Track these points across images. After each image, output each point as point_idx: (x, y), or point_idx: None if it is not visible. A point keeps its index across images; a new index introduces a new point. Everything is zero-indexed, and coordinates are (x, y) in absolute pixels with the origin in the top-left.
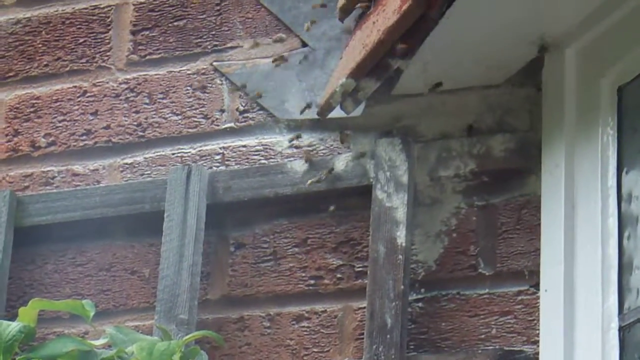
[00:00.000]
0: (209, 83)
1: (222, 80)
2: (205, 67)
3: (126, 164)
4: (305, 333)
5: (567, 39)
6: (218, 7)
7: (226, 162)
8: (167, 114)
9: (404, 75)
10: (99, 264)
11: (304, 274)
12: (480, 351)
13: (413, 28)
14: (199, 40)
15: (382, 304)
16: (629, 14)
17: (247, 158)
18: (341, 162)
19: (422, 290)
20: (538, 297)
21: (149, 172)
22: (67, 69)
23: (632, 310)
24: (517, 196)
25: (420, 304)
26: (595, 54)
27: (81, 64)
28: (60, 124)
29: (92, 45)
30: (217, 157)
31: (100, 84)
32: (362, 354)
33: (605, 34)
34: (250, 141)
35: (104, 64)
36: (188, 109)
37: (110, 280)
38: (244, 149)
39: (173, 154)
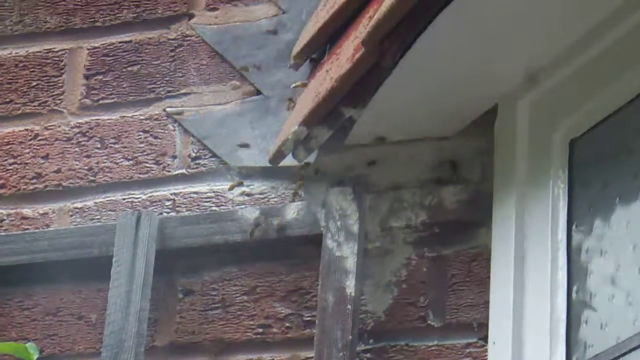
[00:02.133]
0: (162, 129)
1: (174, 126)
2: (158, 112)
3: (76, 208)
4: None
5: (520, 92)
6: (172, 53)
7: (177, 208)
8: (119, 159)
9: (356, 125)
10: (45, 308)
11: (252, 322)
12: None
13: (366, 77)
14: (153, 85)
15: (329, 354)
16: (581, 68)
17: (198, 205)
18: (292, 211)
19: (371, 340)
20: (486, 350)
21: (98, 217)
22: (19, 111)
23: None
24: (467, 248)
25: (368, 355)
26: (548, 107)
27: (33, 107)
28: (11, 167)
29: (45, 89)
30: (168, 203)
31: (52, 127)
32: None
33: (558, 88)
34: (202, 188)
35: (56, 108)
36: (140, 154)
37: (57, 324)
38: (195, 195)
39: (124, 199)
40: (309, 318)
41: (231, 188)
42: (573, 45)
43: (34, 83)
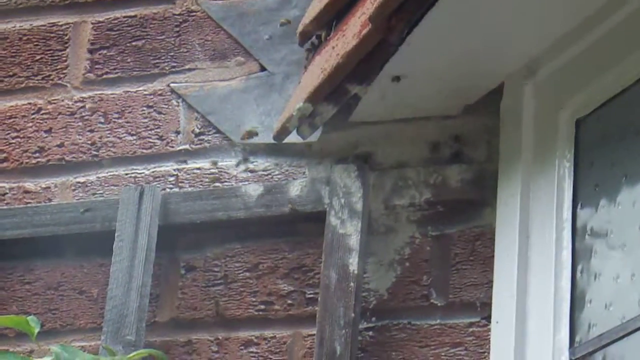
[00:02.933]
0: (165, 104)
1: (178, 102)
2: (162, 88)
3: (79, 182)
4: (253, 358)
5: (526, 71)
6: (177, 29)
7: (180, 184)
8: (122, 133)
9: (361, 102)
10: (47, 283)
11: (254, 299)
12: None
13: (372, 53)
14: (157, 61)
15: (332, 332)
16: (588, 47)
17: (201, 180)
18: (296, 188)
19: (373, 318)
20: (489, 329)
21: (101, 191)
22: (23, 85)
23: (583, 344)
24: (471, 227)
25: (370, 333)
26: (554, 86)
27: (37, 81)
28: (14, 141)
29: (49, 63)
30: (171, 178)
31: (55, 101)
32: None
33: (564, 67)
34: (205, 164)
35: (60, 82)
36: (143, 129)
37: (58, 299)
38: (198, 171)
39: (126, 174)
40: (311, 295)
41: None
42: (581, 24)
43: (38, 57)
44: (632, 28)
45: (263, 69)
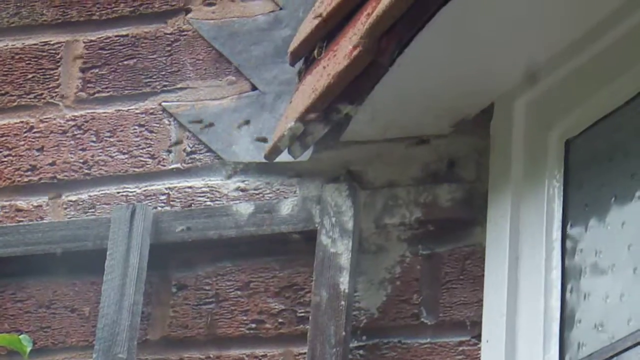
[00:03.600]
0: (157, 123)
1: (170, 121)
2: (153, 106)
3: (70, 201)
4: None
5: (517, 91)
6: (169, 48)
7: (171, 203)
8: (114, 152)
9: (352, 122)
10: (38, 301)
11: (245, 318)
12: None
13: (363, 74)
14: (149, 79)
15: (322, 350)
16: (577, 69)
17: (193, 199)
18: (287, 207)
19: (364, 337)
20: (479, 348)
21: (93, 210)
22: (15, 103)
23: None
24: (462, 246)
25: (361, 352)
26: (544, 107)
27: (29, 100)
28: (5, 159)
29: (41, 81)
30: (163, 197)
31: (47, 120)
32: None
33: (554, 88)
34: (196, 182)
35: (52, 100)
36: (135, 148)
37: (50, 317)
38: (189, 190)
39: (118, 192)
40: (302, 314)
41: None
42: (570, 45)
43: (30, 75)
44: (621, 50)
45: (254, 88)
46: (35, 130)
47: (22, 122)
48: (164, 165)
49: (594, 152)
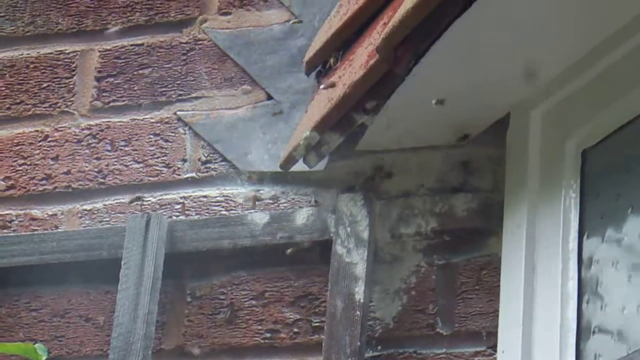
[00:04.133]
0: (172, 132)
1: (185, 130)
2: (169, 116)
3: (85, 210)
4: None
5: (533, 101)
6: (184, 57)
7: (186, 212)
8: (129, 161)
9: (368, 131)
10: (53, 310)
11: (260, 327)
12: None
13: (379, 84)
14: (164, 89)
15: None
16: (595, 79)
17: (208, 208)
18: (302, 216)
19: (379, 347)
20: (495, 359)
21: (107, 219)
22: (30, 112)
23: None
24: (477, 256)
25: None
26: (561, 117)
27: (44, 109)
28: (20, 168)
29: (56, 90)
30: (178, 206)
31: (62, 129)
32: None
33: (571, 97)
34: (212, 192)
35: (67, 109)
36: (150, 157)
37: (64, 326)
38: (204, 199)
39: (133, 201)
40: (317, 324)
41: (250, 202)
42: (587, 55)
43: (45, 84)
44: (637, 61)
45: (270, 97)
46: (50, 139)
47: (37, 131)
48: (179, 175)
49: (611, 162)
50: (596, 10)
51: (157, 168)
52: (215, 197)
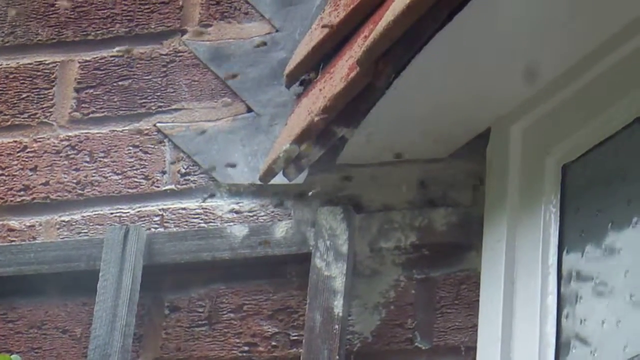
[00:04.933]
0: (152, 144)
1: (164, 142)
2: (148, 127)
3: (63, 221)
4: None
5: (513, 116)
6: (164, 69)
7: (165, 224)
8: (108, 173)
9: (348, 145)
10: (30, 321)
11: (238, 340)
12: None
13: (359, 97)
14: (144, 100)
15: None
16: (574, 94)
17: (187, 221)
18: (281, 229)
19: None
20: None
21: (86, 230)
22: (8, 123)
23: None
24: (456, 271)
25: None
26: (541, 132)
27: (23, 119)
28: None
29: (35, 101)
30: (156, 218)
31: (41, 139)
32: None
33: (551, 113)
34: (191, 204)
35: (46, 120)
36: (129, 169)
37: (41, 338)
38: (183, 211)
39: (111, 213)
40: (295, 337)
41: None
42: (567, 71)
43: (24, 95)
44: (618, 75)
45: (250, 110)
46: (28, 150)
47: (15, 141)
48: (158, 187)
49: (591, 177)
50: (577, 25)
51: (136, 180)
52: (195, 209)
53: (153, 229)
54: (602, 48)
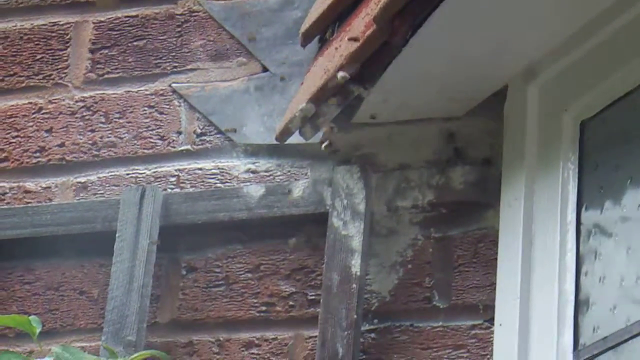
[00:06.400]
0: (167, 104)
1: (180, 102)
2: (163, 88)
3: (79, 182)
4: None
5: (530, 73)
6: (179, 29)
7: (181, 185)
8: (123, 133)
9: (364, 103)
10: (47, 283)
11: (255, 300)
12: None
13: (376, 55)
14: (159, 61)
15: (334, 333)
16: (592, 50)
17: (203, 181)
18: (298, 189)
19: (375, 320)
20: (492, 332)
21: (102, 192)
22: (23, 84)
23: (587, 347)
24: (474, 229)
25: (372, 335)
26: (558, 89)
27: (37, 81)
28: (14, 140)
29: (50, 62)
30: (172, 179)
31: (56, 101)
32: None
33: (569, 69)
34: (207, 164)
35: (60, 82)
36: (144, 129)
37: (58, 299)
38: (199, 172)
39: (127, 174)
40: (313, 297)
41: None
42: (584, 27)
43: (39, 56)
44: (636, 31)
45: (265, 69)
46: (44, 111)
47: (30, 103)
48: (174, 147)
49: (609, 134)
50: None
51: (151, 140)
52: (211, 169)
53: (169, 190)
54: (621, 3)
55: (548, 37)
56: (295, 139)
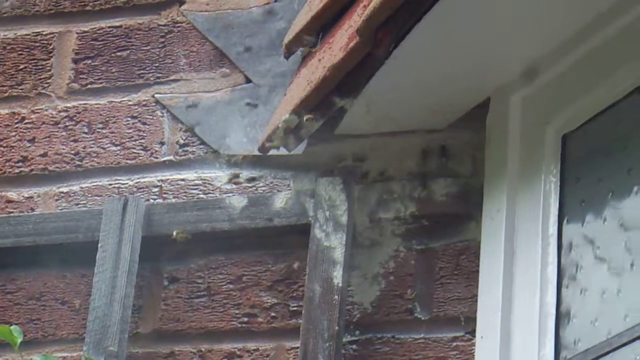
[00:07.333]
0: (150, 115)
1: (163, 113)
2: (146, 98)
3: (62, 192)
4: None
5: (513, 86)
6: (162, 40)
7: (164, 195)
8: (106, 144)
9: (347, 115)
10: (29, 293)
11: (237, 311)
12: None
13: (358, 67)
14: (142, 71)
15: (315, 344)
16: (574, 64)
17: (185, 192)
18: (280, 200)
19: (357, 332)
20: (473, 344)
21: (84, 201)
22: (6, 94)
23: None
24: (456, 241)
25: (354, 346)
26: (541, 102)
27: (20, 90)
28: None
29: (33, 72)
30: (155, 189)
31: (39, 111)
32: None
33: (552, 82)
34: (189, 175)
35: (44, 91)
36: (127, 140)
37: (40, 309)
38: (182, 182)
39: (110, 184)
40: (295, 308)
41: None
42: (568, 40)
43: (22, 66)
44: (618, 45)
45: (248, 80)
46: (26, 121)
47: (13, 112)
48: (157, 158)
49: (591, 147)
50: None
51: (134, 151)
52: (193, 180)
53: (152, 200)
54: (602, 17)
55: (531, 51)
56: (277, 150)
